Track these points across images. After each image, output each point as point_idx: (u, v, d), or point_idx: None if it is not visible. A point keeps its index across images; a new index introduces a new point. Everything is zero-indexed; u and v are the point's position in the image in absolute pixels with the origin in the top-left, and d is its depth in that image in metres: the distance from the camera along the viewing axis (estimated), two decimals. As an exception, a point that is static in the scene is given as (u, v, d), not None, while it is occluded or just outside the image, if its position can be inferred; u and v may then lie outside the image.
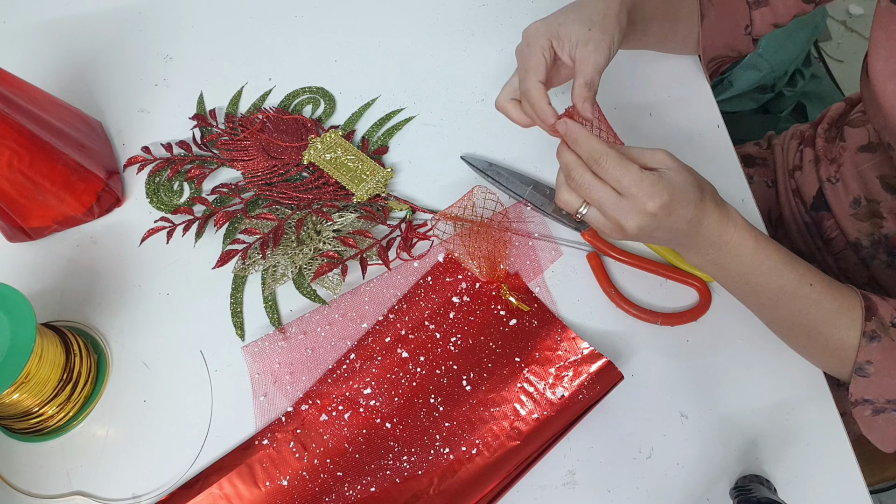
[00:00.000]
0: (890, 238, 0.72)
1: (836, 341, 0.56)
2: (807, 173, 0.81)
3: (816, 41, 1.53)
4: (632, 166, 0.52)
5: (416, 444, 0.61)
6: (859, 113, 0.76)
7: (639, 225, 0.52)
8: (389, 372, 0.64)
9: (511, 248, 0.68)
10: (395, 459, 0.60)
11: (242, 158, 0.75)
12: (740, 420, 0.61)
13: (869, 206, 0.72)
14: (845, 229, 0.76)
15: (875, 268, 0.74)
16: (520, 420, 0.60)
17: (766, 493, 0.54)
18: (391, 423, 0.62)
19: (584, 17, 0.58)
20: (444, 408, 0.62)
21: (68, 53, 0.85)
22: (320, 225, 0.70)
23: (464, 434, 0.61)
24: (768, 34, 0.72)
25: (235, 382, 0.65)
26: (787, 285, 0.56)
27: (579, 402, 0.60)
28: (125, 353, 0.67)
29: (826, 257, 0.80)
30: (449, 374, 0.63)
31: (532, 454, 0.59)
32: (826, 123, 0.81)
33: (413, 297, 0.67)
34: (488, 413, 0.61)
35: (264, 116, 0.78)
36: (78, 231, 0.74)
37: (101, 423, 0.64)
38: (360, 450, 0.61)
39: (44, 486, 0.62)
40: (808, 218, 0.81)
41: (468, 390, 0.62)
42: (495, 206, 0.69)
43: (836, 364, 0.58)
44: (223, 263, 0.69)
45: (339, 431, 0.62)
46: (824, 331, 0.56)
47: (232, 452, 0.62)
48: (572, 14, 0.58)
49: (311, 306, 0.67)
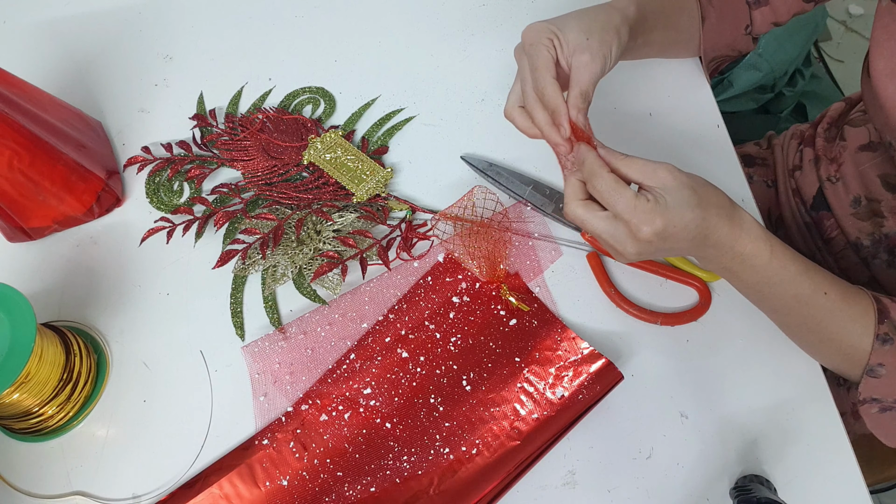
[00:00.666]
0: (891, 237, 0.71)
1: (848, 345, 0.56)
2: (807, 173, 0.81)
3: (816, 41, 1.53)
4: (626, 191, 0.51)
5: (416, 444, 0.61)
6: (860, 112, 0.76)
7: (637, 251, 0.52)
8: (389, 372, 0.64)
9: (511, 247, 0.68)
10: (395, 459, 0.60)
11: (242, 158, 0.75)
12: (740, 420, 0.61)
13: (869, 206, 0.72)
14: (845, 229, 0.76)
15: (876, 267, 0.74)
16: (520, 420, 0.60)
17: (766, 493, 0.54)
18: (391, 423, 0.62)
19: (584, 25, 0.57)
20: (444, 408, 0.62)
21: (68, 53, 0.85)
22: (320, 225, 0.70)
23: (464, 434, 0.61)
24: (768, 34, 0.72)
25: (235, 382, 0.65)
26: (801, 294, 0.55)
27: (579, 402, 0.60)
28: (125, 353, 0.67)
29: (826, 257, 0.80)
30: (449, 374, 0.63)
31: (532, 454, 0.59)
32: (826, 123, 0.81)
33: (413, 296, 0.67)
34: (488, 413, 0.61)
35: (264, 116, 0.78)
36: (78, 231, 0.74)
37: (101, 423, 0.64)
38: (360, 450, 0.61)
39: (44, 487, 0.62)
40: (808, 218, 0.81)
41: (468, 390, 0.62)
42: (495, 205, 0.69)
43: (847, 366, 0.58)
44: (223, 263, 0.69)
45: (339, 431, 0.62)
46: (837, 336, 0.56)
47: (232, 452, 0.62)
48: (572, 20, 0.58)
49: (312, 306, 0.67)
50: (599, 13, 0.59)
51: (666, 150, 0.72)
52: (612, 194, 0.51)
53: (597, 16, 0.58)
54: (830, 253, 0.79)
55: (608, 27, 0.58)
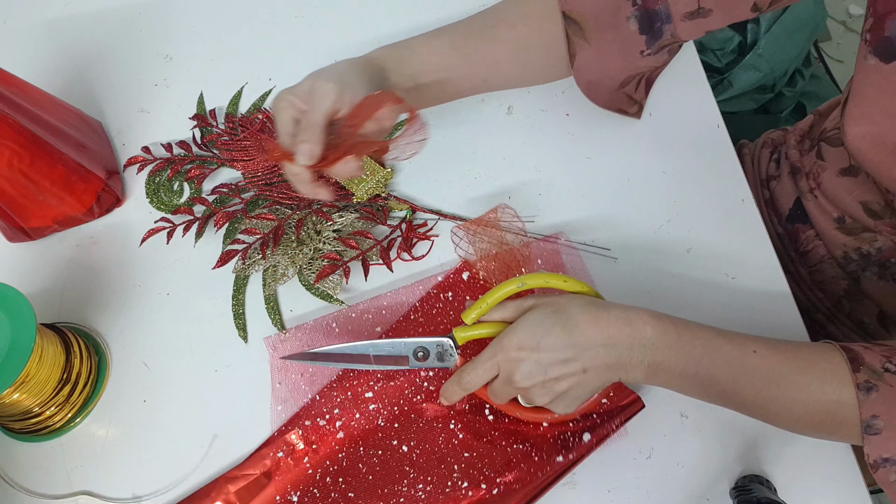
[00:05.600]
0: (884, 251, 0.69)
1: (832, 406, 0.51)
2: (784, 184, 0.78)
3: (816, 41, 1.53)
4: (473, 362, 0.55)
5: (432, 471, 0.59)
6: (836, 130, 0.72)
7: (525, 372, 0.53)
8: (408, 391, 0.62)
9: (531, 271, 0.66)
10: (410, 486, 0.59)
11: (242, 158, 0.75)
12: (740, 420, 0.60)
13: (855, 223, 0.70)
14: (829, 242, 0.74)
15: (865, 279, 0.73)
16: (544, 461, 0.58)
17: (766, 493, 0.54)
18: (408, 446, 0.60)
19: (314, 72, 0.59)
20: (464, 435, 0.60)
21: (68, 53, 0.85)
22: (320, 225, 0.70)
23: (483, 469, 0.59)
24: (768, 34, 0.71)
25: (236, 382, 0.65)
26: (732, 360, 0.52)
27: (601, 438, 0.59)
28: (125, 353, 0.67)
29: (799, 269, 0.78)
30: (471, 401, 0.62)
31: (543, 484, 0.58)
32: (798, 135, 0.79)
33: (430, 312, 0.65)
34: (511, 449, 0.59)
35: (264, 116, 0.78)
36: (78, 231, 0.74)
37: (101, 423, 0.64)
38: (374, 471, 0.60)
39: (44, 487, 0.62)
40: (782, 229, 0.79)
41: (490, 420, 0.61)
42: (517, 226, 0.68)
43: (845, 431, 0.52)
44: (223, 263, 0.69)
45: (356, 451, 0.60)
46: (813, 399, 0.51)
47: (249, 461, 0.61)
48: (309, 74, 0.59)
49: (316, 307, 0.67)
50: None
51: (666, 150, 0.72)
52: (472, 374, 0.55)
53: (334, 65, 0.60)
54: (805, 265, 0.77)
55: (336, 66, 0.59)
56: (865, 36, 0.55)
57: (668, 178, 0.71)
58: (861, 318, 0.76)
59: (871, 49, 0.55)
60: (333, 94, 0.55)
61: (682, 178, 0.70)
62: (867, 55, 0.55)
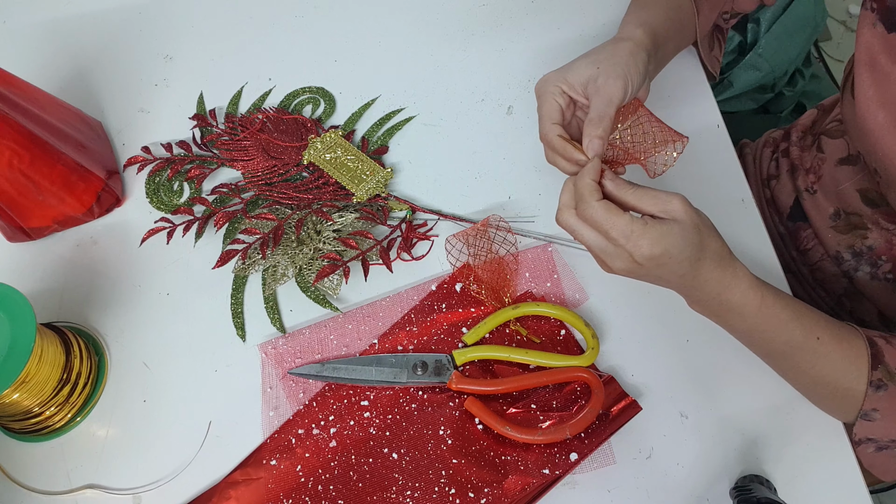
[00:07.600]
0: (875, 249, 0.70)
1: (842, 390, 0.55)
2: (783, 183, 0.79)
3: (816, 41, 1.53)
4: (618, 220, 0.50)
5: (420, 478, 0.59)
6: (836, 122, 0.73)
7: (626, 269, 0.52)
8: (402, 399, 0.62)
9: (519, 279, 0.67)
10: (398, 493, 0.59)
11: (242, 158, 0.75)
12: (740, 420, 0.61)
13: (849, 219, 0.71)
14: (824, 241, 0.74)
15: (859, 279, 0.73)
16: (532, 475, 0.58)
17: (766, 493, 0.54)
18: (398, 453, 0.60)
19: (591, 59, 0.58)
20: (453, 441, 0.60)
21: (68, 53, 0.85)
22: (320, 225, 0.70)
23: (471, 478, 0.59)
24: (768, 34, 0.71)
25: (235, 382, 0.65)
26: (793, 340, 0.54)
27: (595, 446, 0.59)
28: (125, 353, 0.67)
29: (801, 268, 0.79)
30: (460, 409, 0.62)
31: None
32: (800, 131, 0.79)
33: (423, 323, 0.65)
34: (499, 460, 0.59)
35: (264, 116, 0.78)
36: (78, 231, 0.74)
37: (101, 423, 0.64)
38: (364, 479, 0.59)
39: (45, 486, 0.62)
40: (783, 228, 0.80)
41: (480, 429, 0.61)
42: (507, 238, 0.68)
43: (841, 411, 0.57)
44: (223, 263, 0.69)
45: (348, 460, 0.60)
46: (831, 381, 0.55)
47: (239, 471, 0.61)
48: (579, 59, 0.59)
49: (314, 307, 0.67)
50: (607, 45, 0.60)
51: (666, 150, 0.72)
52: (603, 224, 0.51)
53: (604, 47, 0.60)
54: (805, 264, 0.78)
55: (618, 53, 0.58)
56: (871, 5, 0.57)
57: (667, 178, 0.71)
58: (862, 317, 0.76)
59: (878, 17, 0.57)
60: (622, 94, 0.56)
61: (682, 177, 0.70)
62: (875, 23, 0.57)
